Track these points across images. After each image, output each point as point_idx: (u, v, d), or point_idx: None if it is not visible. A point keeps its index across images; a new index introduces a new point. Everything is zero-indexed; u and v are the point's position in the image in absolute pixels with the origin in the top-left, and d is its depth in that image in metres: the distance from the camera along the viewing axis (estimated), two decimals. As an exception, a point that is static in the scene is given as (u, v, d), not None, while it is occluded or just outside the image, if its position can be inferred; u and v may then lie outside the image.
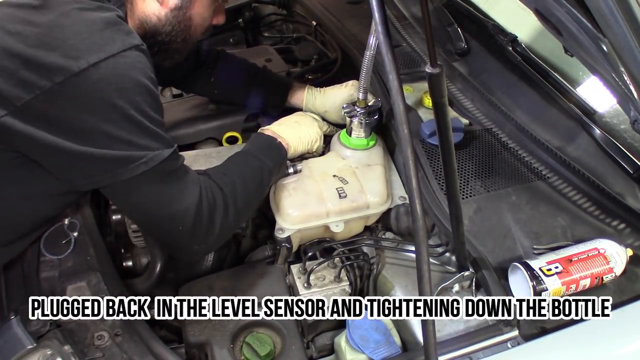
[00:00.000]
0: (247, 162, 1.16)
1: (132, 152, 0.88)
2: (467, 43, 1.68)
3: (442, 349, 1.00)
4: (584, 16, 0.75)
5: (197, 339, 1.07)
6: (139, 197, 0.95)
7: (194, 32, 1.12)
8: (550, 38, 1.00)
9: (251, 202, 1.14)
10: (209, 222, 1.00)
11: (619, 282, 1.12)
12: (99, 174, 0.90)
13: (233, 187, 1.07)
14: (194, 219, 0.97)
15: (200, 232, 1.00)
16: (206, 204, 0.99)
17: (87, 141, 0.86)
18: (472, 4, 1.75)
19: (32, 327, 0.98)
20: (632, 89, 0.83)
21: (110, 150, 0.87)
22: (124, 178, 0.89)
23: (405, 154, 0.74)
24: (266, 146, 1.23)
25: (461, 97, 1.59)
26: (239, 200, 1.06)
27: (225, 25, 2.11)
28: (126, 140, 0.87)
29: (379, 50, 0.74)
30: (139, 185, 0.92)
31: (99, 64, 0.83)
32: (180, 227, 0.97)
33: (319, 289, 1.20)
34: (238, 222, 1.11)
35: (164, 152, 0.92)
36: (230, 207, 1.04)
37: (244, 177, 1.10)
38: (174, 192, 0.96)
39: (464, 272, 1.10)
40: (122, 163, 0.88)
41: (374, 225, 1.34)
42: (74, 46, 0.82)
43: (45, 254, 1.14)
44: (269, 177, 1.17)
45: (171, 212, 0.96)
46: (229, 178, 1.08)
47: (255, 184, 1.12)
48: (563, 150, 1.34)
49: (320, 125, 1.40)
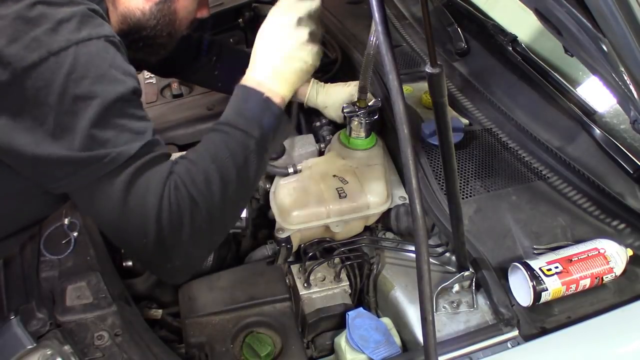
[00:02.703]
0: (224, 139, 0.91)
1: (95, 151, 0.80)
2: (467, 43, 1.68)
3: (442, 349, 1.00)
4: (584, 16, 0.75)
5: (197, 339, 1.07)
6: (96, 207, 0.85)
7: (178, 25, 1.10)
8: (550, 38, 1.00)
9: (233, 198, 0.91)
10: (176, 228, 0.84)
11: (619, 282, 1.12)
12: (62, 179, 0.83)
13: (205, 185, 0.87)
14: (156, 229, 0.83)
15: (165, 246, 0.84)
16: (168, 207, 0.83)
17: (48, 137, 0.80)
18: (472, 4, 1.74)
19: (32, 327, 0.98)
20: (632, 89, 0.83)
21: (71, 149, 0.79)
22: (83, 183, 0.82)
23: (405, 154, 0.74)
24: (249, 106, 0.94)
25: (461, 97, 1.59)
26: (212, 203, 0.87)
27: (225, 25, 2.14)
28: (88, 134, 0.80)
29: (379, 50, 0.74)
30: (96, 194, 0.83)
31: (60, 53, 0.79)
32: (144, 240, 0.84)
33: (319, 289, 1.20)
34: (218, 228, 0.92)
35: (131, 147, 0.82)
36: (200, 214, 0.86)
37: (220, 164, 0.88)
38: (135, 200, 0.83)
39: (464, 272, 1.10)
40: (85, 163, 0.81)
41: (374, 225, 1.34)
42: (35, 38, 0.78)
43: (45, 254, 1.14)
44: (257, 155, 0.91)
45: (133, 223, 0.84)
46: (200, 172, 0.87)
47: (237, 170, 0.89)
48: (563, 150, 1.34)
49: (311, 31, 0.99)
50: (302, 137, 1.49)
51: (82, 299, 1.05)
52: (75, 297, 1.05)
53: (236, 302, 1.13)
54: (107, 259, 1.15)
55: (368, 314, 1.12)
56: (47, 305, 1.03)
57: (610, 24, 0.72)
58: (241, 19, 2.12)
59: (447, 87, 0.85)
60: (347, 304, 1.19)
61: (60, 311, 1.02)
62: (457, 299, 1.11)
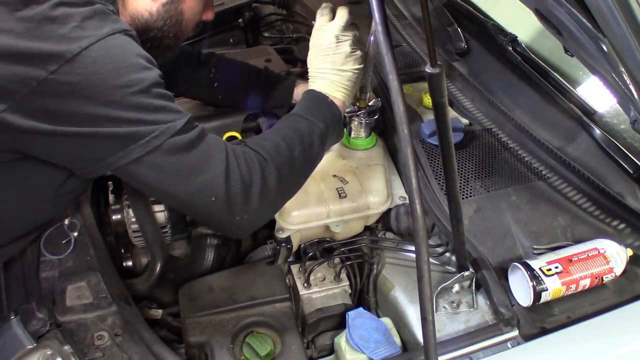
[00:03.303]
0: (293, 124, 1.03)
1: (140, 127, 0.85)
2: (467, 43, 1.68)
3: (442, 349, 1.00)
4: (584, 16, 0.75)
5: (197, 339, 1.07)
6: (158, 174, 0.88)
7: (185, 27, 1.12)
8: (550, 38, 1.00)
9: (299, 167, 1.00)
10: (244, 189, 0.91)
11: (619, 282, 1.12)
12: (110, 156, 0.86)
13: (274, 150, 0.96)
14: (225, 188, 0.90)
15: (237, 200, 0.91)
16: (236, 169, 0.91)
17: (91, 126, 0.83)
18: (472, 4, 1.75)
19: (32, 327, 0.98)
20: (632, 89, 0.83)
21: (117, 128, 0.84)
22: (137, 156, 0.85)
23: (405, 154, 0.74)
24: (316, 106, 1.07)
25: (461, 97, 1.59)
26: (281, 164, 0.96)
27: (225, 25, 2.14)
28: (132, 119, 0.85)
29: (379, 50, 0.74)
30: (154, 162, 0.87)
31: (91, 47, 0.82)
32: (213, 198, 0.90)
33: (319, 289, 1.20)
34: (284, 190, 0.99)
35: (176, 123, 0.88)
36: (270, 171, 0.94)
37: (289, 141, 0.99)
38: (195, 162, 0.90)
39: (464, 272, 1.10)
40: (132, 140, 0.85)
41: (374, 225, 1.34)
42: (64, 35, 0.82)
43: (45, 254, 1.14)
44: (320, 141, 1.03)
45: (198, 185, 0.90)
46: (269, 142, 0.98)
47: (303, 148, 1.00)
48: (563, 150, 1.34)
49: (351, 42, 1.11)
50: (302, 137, 1.49)
51: (82, 299, 1.05)
52: (75, 297, 1.05)
53: (236, 302, 1.13)
54: (107, 259, 1.15)
55: (368, 314, 1.12)
56: (47, 305, 1.03)
57: (610, 24, 0.72)
58: (241, 19, 2.12)
59: (447, 87, 0.85)
60: (347, 304, 1.19)
61: (60, 311, 1.02)
62: (457, 299, 1.11)
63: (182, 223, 1.33)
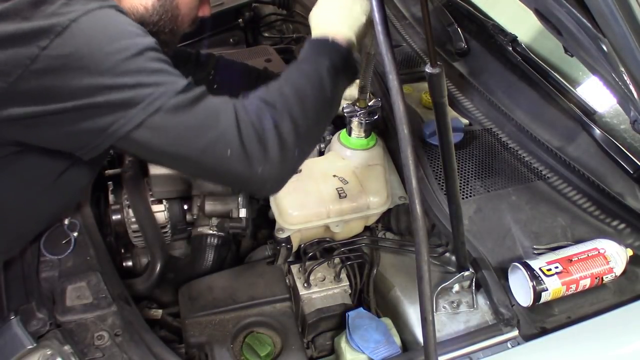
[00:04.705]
0: (297, 69, 0.96)
1: (140, 91, 0.82)
2: (467, 43, 1.68)
3: (442, 349, 1.00)
4: (584, 16, 0.75)
5: (197, 339, 1.07)
6: (165, 136, 0.84)
7: (181, 22, 1.10)
8: (550, 38, 1.00)
9: (311, 107, 0.93)
10: (258, 137, 0.86)
11: (619, 282, 1.12)
12: (112, 125, 0.82)
13: (278, 94, 0.91)
14: (239, 137, 0.85)
15: (254, 149, 0.86)
16: (246, 118, 0.87)
17: (90, 97, 0.81)
18: (472, 4, 1.75)
19: (32, 327, 0.98)
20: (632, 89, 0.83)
21: (116, 95, 0.81)
22: (139, 120, 0.82)
23: (405, 154, 0.74)
24: (317, 48, 1.00)
25: (461, 97, 1.59)
26: (290, 106, 0.90)
27: (225, 25, 2.14)
28: (130, 84, 0.81)
29: (379, 50, 0.74)
30: (159, 124, 0.83)
31: (80, 19, 0.81)
32: (228, 151, 0.85)
33: (319, 289, 1.20)
34: (303, 134, 0.92)
35: (177, 84, 0.84)
36: (281, 115, 0.89)
37: (293, 82, 0.93)
38: (202, 117, 0.85)
39: (464, 272, 1.10)
40: (132, 104, 0.81)
41: (374, 225, 1.34)
42: (53, 12, 0.80)
43: (45, 254, 1.14)
44: (330, 78, 0.94)
45: (209, 139, 0.85)
46: (272, 88, 0.93)
47: (312, 86, 0.93)
48: (563, 150, 1.34)
49: None
50: (302, 137, 1.49)
51: (82, 299, 1.05)
52: (75, 297, 1.05)
53: (236, 302, 1.13)
54: (107, 259, 1.15)
55: (368, 314, 1.12)
56: (47, 305, 1.03)
57: (610, 24, 0.72)
58: (241, 19, 2.12)
59: (447, 87, 0.85)
60: (347, 304, 1.19)
61: (60, 311, 1.02)
62: (457, 299, 1.11)
63: (182, 223, 1.33)
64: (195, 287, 1.17)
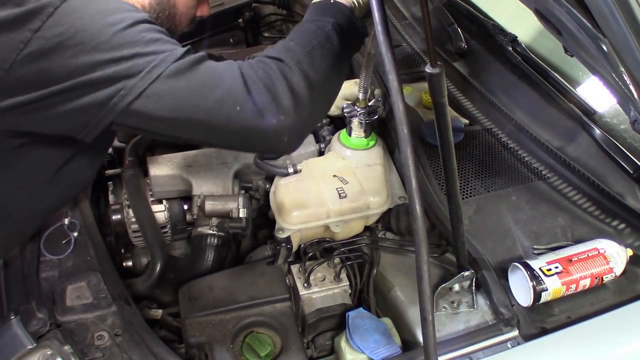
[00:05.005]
0: (301, 28, 0.95)
1: (138, 60, 0.80)
2: (467, 43, 1.68)
3: (442, 349, 1.00)
4: (584, 16, 0.75)
5: (197, 339, 1.07)
6: (169, 102, 0.81)
7: (178, 21, 1.09)
8: (550, 38, 0.99)
9: (321, 58, 0.90)
10: (268, 89, 0.84)
11: (619, 282, 1.12)
12: (112, 98, 0.80)
13: (284, 50, 0.89)
14: (246, 92, 0.83)
15: (264, 102, 0.83)
16: (253, 73, 0.84)
17: (87, 73, 0.79)
18: (472, 4, 1.74)
19: (32, 327, 0.98)
20: (632, 89, 0.83)
21: (115, 67, 0.79)
22: (140, 90, 0.80)
23: (405, 154, 0.74)
24: (320, 10, 0.98)
25: (461, 97, 1.59)
26: (299, 59, 0.88)
27: (225, 25, 2.14)
28: (127, 55, 0.80)
29: (379, 50, 0.74)
30: (161, 90, 0.81)
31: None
32: (238, 107, 0.83)
33: (319, 289, 1.20)
34: (314, 84, 0.89)
35: (176, 51, 0.83)
36: (289, 67, 0.86)
37: (298, 40, 0.91)
38: (206, 78, 0.83)
39: (464, 272, 1.10)
40: (132, 74, 0.80)
41: (374, 225, 1.34)
42: None
43: (45, 254, 1.14)
44: (337, 33, 0.92)
45: (216, 98, 0.82)
46: (277, 46, 0.91)
47: (319, 41, 0.90)
48: (563, 150, 1.34)
49: None
50: (302, 137, 1.49)
51: (82, 299, 1.05)
52: (75, 297, 1.05)
53: (236, 302, 1.13)
54: (107, 259, 1.15)
55: (368, 314, 1.12)
56: (47, 305, 1.03)
57: (610, 24, 0.72)
58: (241, 19, 2.12)
59: (447, 87, 0.85)
60: (347, 304, 1.19)
61: (60, 311, 1.02)
62: (457, 299, 1.11)
63: (182, 223, 1.33)
64: (195, 287, 1.17)
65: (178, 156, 1.38)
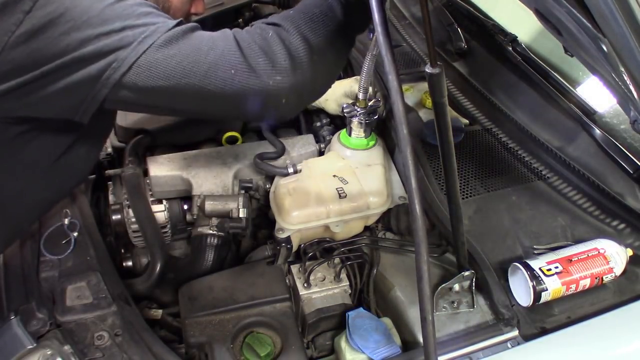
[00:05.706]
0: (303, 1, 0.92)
1: (129, 32, 0.79)
2: (467, 43, 1.68)
3: (442, 349, 1.00)
4: (584, 16, 0.75)
5: (197, 339, 1.07)
6: (162, 71, 0.81)
7: (172, 16, 1.09)
8: (550, 38, 0.99)
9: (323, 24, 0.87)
10: (264, 49, 0.83)
11: (619, 282, 1.12)
12: (105, 71, 0.79)
13: (282, 17, 0.87)
14: (240, 54, 0.82)
15: (260, 62, 0.82)
16: (247, 37, 0.84)
17: (79, 49, 0.79)
18: (472, 4, 1.75)
19: (32, 327, 0.98)
20: (632, 89, 0.83)
21: (106, 41, 0.78)
22: (132, 60, 0.79)
23: (405, 154, 0.74)
24: None
25: (461, 97, 1.59)
26: (298, 23, 0.85)
27: (225, 25, 2.13)
28: (118, 28, 0.79)
29: (379, 50, 0.74)
30: (153, 60, 0.80)
31: None
32: (232, 70, 0.82)
33: (319, 289, 1.20)
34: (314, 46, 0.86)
35: (167, 23, 0.82)
36: (289, 29, 0.84)
37: (301, 8, 0.89)
38: (198, 43, 0.82)
39: (464, 272, 1.10)
40: (123, 46, 0.79)
41: (374, 225, 1.34)
42: None
43: (45, 254, 1.14)
44: (339, 3, 0.88)
45: (209, 62, 0.81)
46: (277, 14, 0.90)
47: (321, 10, 0.88)
48: (563, 150, 1.34)
49: None
50: (302, 137, 1.49)
51: (82, 299, 1.05)
52: (75, 297, 1.05)
53: (236, 302, 1.13)
54: (107, 259, 1.15)
55: (368, 314, 1.12)
56: (47, 305, 1.03)
57: (610, 24, 0.72)
58: (241, 19, 2.12)
59: (447, 87, 0.85)
60: (347, 304, 1.19)
61: (60, 311, 1.02)
62: (457, 299, 1.11)
63: (182, 223, 1.33)
64: (195, 287, 1.17)
65: (178, 156, 1.38)
